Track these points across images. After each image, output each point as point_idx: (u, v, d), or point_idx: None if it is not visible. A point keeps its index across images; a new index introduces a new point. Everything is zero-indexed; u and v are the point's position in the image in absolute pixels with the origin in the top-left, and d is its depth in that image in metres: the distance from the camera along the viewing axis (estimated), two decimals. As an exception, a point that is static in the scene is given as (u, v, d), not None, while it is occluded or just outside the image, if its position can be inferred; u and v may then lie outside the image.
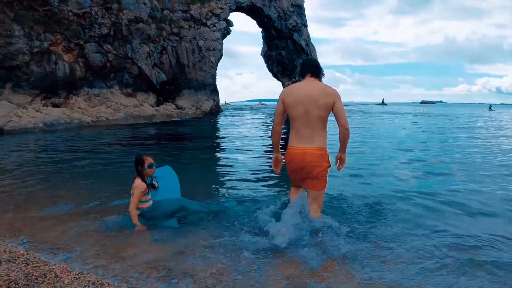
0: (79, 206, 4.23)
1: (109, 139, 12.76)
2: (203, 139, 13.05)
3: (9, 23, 16.23)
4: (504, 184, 5.46)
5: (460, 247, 2.99)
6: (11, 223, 3.67)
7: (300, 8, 40.26)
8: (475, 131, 15.58)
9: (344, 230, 3.20)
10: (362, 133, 14.43)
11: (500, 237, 3.19)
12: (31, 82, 17.07)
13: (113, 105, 20.58)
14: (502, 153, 8.87)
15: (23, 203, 4.45)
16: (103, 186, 5.40)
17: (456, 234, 3.27)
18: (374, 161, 7.48)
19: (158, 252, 2.92)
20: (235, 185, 5.48)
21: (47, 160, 8.06)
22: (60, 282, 2.18)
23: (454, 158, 7.85)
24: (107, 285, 2.26)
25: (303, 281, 2.44)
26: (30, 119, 15.64)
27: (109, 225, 3.54)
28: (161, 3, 25.65)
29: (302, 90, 2.98)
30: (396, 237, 3.21)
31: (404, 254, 2.85)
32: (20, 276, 2.19)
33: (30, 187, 5.32)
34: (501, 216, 3.90)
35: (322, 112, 2.93)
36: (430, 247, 2.98)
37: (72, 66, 19.03)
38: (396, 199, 4.46)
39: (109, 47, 20.75)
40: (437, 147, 9.84)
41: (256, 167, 7.00)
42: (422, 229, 3.42)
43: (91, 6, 19.75)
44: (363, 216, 3.74)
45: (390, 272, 2.55)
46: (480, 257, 2.78)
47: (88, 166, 7.18)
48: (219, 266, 2.65)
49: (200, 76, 27.98)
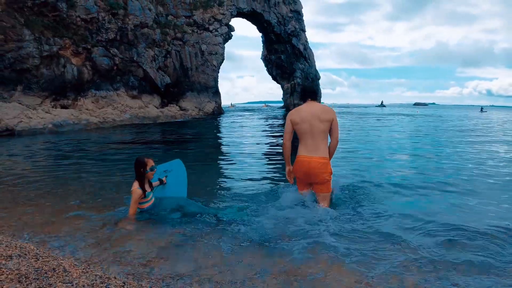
0: (87, 202, 4.25)
1: (117, 138, 12.79)
2: (205, 138, 13.07)
3: (20, 28, 16.26)
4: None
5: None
6: (21, 218, 3.69)
7: (298, 13, 40.25)
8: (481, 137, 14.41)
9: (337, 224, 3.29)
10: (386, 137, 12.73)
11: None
12: (41, 84, 17.10)
13: (119, 106, 20.62)
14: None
15: (33, 198, 4.47)
16: (110, 183, 5.42)
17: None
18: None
19: (157, 246, 2.93)
20: (236, 184, 5.49)
21: (58, 158, 8.09)
22: (69, 276, 2.20)
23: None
24: (114, 279, 2.28)
25: (292, 272, 2.45)
26: (40, 120, 15.67)
27: (115, 221, 3.56)
28: (165, 9, 25.68)
29: (306, 110, 3.52)
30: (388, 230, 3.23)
31: (393, 246, 2.87)
32: (30, 271, 2.20)
33: (40, 183, 5.35)
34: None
35: (324, 125, 3.45)
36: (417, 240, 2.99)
37: (80, 69, 19.05)
38: (392, 193, 4.54)
39: (115, 51, 20.77)
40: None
41: (256, 166, 7.02)
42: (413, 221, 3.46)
43: (98, 11, 19.78)
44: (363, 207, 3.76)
45: (378, 263, 2.57)
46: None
47: (96, 165, 7.20)
48: (216, 258, 2.67)
49: (203, 79, 28.00)
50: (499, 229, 3.28)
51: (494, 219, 3.65)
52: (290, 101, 43.15)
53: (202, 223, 3.47)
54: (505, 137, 13.44)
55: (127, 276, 2.38)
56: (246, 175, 6.12)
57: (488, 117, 34.91)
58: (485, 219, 3.61)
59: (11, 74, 15.91)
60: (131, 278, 2.37)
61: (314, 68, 44.05)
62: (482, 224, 3.42)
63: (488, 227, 3.33)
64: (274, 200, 3.97)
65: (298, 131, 3.53)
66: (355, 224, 3.39)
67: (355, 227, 3.31)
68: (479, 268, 2.57)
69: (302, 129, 3.49)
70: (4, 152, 9.63)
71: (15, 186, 5.27)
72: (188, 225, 3.44)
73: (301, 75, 41.82)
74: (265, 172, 6.49)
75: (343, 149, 8.77)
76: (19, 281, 2.04)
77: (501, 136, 13.90)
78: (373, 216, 3.65)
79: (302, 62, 41.83)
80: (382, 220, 3.55)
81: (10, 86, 15.91)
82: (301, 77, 41.82)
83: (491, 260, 2.68)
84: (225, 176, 6.30)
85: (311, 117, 3.46)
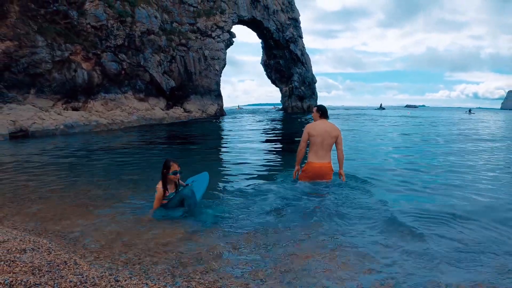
0: (97, 199, 4.25)
1: (128, 139, 12.78)
2: (208, 137, 13.06)
3: (33, 35, 16.26)
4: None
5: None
6: (35, 214, 3.69)
7: (296, 21, 40.25)
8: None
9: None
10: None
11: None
12: (53, 88, 17.09)
13: (127, 108, 20.62)
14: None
15: (46, 195, 4.47)
16: (122, 181, 5.42)
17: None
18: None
19: (167, 239, 2.93)
20: (237, 179, 5.48)
21: (70, 157, 8.08)
22: (79, 269, 2.20)
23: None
24: (121, 270, 2.28)
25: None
26: (52, 121, 15.67)
27: (127, 215, 3.55)
28: (170, 17, 25.67)
29: (321, 126, 4.36)
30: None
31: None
32: (43, 263, 2.21)
33: (53, 180, 5.35)
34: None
35: (332, 140, 4.34)
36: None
37: (90, 74, 19.04)
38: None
39: (123, 56, 20.77)
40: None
41: (256, 163, 7.01)
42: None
43: (107, 19, 19.77)
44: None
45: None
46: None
47: (108, 163, 7.20)
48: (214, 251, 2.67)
49: (206, 82, 27.99)
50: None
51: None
52: (288, 104, 43.15)
53: (205, 218, 3.47)
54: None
55: (134, 266, 2.38)
56: (247, 171, 6.12)
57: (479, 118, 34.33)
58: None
59: (25, 78, 15.91)
60: (138, 267, 2.37)
61: (311, 72, 44.03)
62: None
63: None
64: (273, 191, 4.23)
65: (311, 141, 4.36)
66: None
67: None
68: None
69: (315, 141, 4.33)
70: (19, 151, 9.62)
71: (28, 183, 5.27)
72: (193, 221, 3.44)
73: (299, 79, 41.82)
74: (263, 164, 6.49)
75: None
76: (32, 273, 2.04)
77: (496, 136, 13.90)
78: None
79: (299, 67, 41.82)
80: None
81: (24, 89, 15.91)
82: (299, 81, 41.81)
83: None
84: (226, 173, 6.29)
85: (323, 132, 4.30)
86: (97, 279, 2.06)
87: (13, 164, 7.19)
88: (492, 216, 3.52)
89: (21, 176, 5.88)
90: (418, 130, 16.84)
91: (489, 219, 3.42)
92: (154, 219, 3.45)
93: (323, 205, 3.76)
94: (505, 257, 2.61)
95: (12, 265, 2.11)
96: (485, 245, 2.84)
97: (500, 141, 11.89)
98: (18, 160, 7.90)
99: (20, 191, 4.76)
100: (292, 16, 39.29)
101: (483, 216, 3.51)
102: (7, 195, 4.54)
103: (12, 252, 2.33)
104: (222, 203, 4.05)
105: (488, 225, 3.27)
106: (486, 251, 2.72)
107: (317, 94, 45.35)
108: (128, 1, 21.56)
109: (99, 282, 2.03)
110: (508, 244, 2.85)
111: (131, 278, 2.15)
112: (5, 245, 2.45)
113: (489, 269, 2.41)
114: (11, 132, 13.42)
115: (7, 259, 2.19)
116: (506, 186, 5.11)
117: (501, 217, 3.52)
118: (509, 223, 3.35)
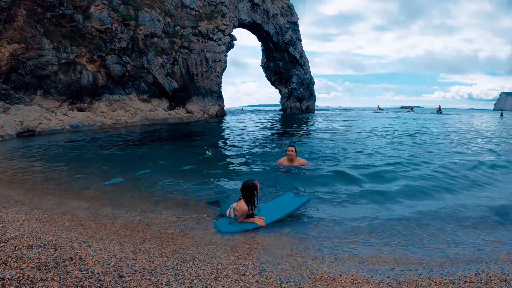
0: (102, 198, 4.25)
1: (133, 137, 12.78)
2: (210, 136, 13.06)
3: (40, 38, 16.26)
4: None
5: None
6: (42, 210, 3.68)
7: (294, 24, 40.21)
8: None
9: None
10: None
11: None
12: (59, 89, 17.09)
13: (131, 109, 20.60)
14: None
15: (52, 192, 4.46)
16: (124, 180, 5.41)
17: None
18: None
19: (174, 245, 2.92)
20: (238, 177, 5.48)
21: (75, 156, 8.07)
22: (84, 265, 2.20)
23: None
24: (125, 267, 2.27)
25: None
26: (58, 122, 15.66)
27: (132, 215, 3.55)
28: (173, 20, 25.65)
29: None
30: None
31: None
32: (49, 259, 2.20)
33: (59, 178, 5.33)
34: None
35: None
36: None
37: (95, 75, 19.03)
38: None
39: (127, 58, 20.76)
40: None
41: (255, 161, 7.00)
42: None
43: (111, 22, 19.77)
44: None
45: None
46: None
47: (115, 160, 7.19)
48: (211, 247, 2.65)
49: (207, 84, 27.97)
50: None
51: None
52: (287, 105, 43.12)
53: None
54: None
55: (137, 261, 2.38)
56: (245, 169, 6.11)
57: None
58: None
59: (31, 79, 15.91)
60: (141, 267, 2.36)
61: (309, 74, 43.97)
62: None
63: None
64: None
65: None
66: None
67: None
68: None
69: None
70: (25, 150, 9.61)
71: (34, 180, 5.26)
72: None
73: (297, 81, 41.78)
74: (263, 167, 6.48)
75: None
76: (39, 269, 2.03)
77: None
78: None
79: (298, 69, 41.78)
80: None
81: (31, 90, 15.91)
82: (297, 83, 41.78)
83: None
84: (227, 172, 6.29)
85: None
86: (102, 275, 2.06)
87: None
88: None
89: (26, 173, 5.86)
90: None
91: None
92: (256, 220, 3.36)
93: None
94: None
95: (19, 261, 2.10)
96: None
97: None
98: (23, 158, 7.89)
99: (25, 188, 4.74)
100: (291, 20, 39.25)
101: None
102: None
103: (20, 248, 2.33)
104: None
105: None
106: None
107: (315, 95, 45.30)
108: (132, 5, 21.57)
109: (104, 278, 2.03)
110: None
111: (134, 273, 2.15)
112: (13, 241, 2.45)
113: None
114: (19, 132, 13.44)
115: (14, 255, 2.18)
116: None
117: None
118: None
